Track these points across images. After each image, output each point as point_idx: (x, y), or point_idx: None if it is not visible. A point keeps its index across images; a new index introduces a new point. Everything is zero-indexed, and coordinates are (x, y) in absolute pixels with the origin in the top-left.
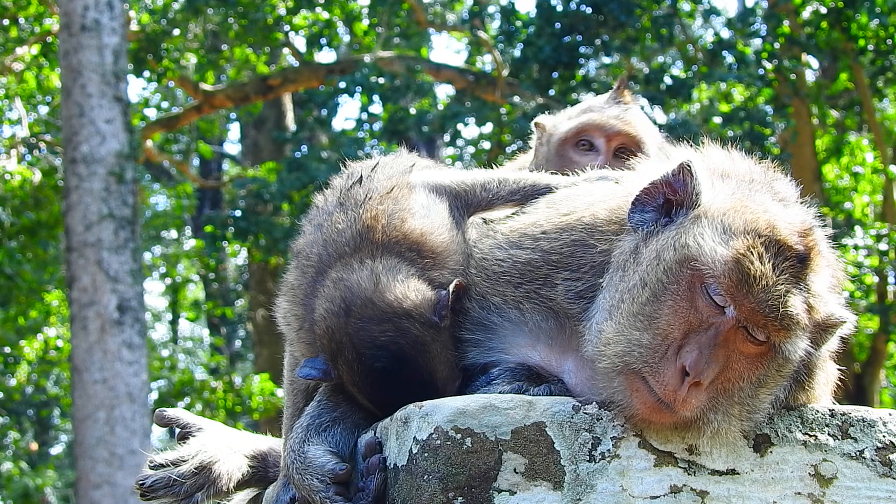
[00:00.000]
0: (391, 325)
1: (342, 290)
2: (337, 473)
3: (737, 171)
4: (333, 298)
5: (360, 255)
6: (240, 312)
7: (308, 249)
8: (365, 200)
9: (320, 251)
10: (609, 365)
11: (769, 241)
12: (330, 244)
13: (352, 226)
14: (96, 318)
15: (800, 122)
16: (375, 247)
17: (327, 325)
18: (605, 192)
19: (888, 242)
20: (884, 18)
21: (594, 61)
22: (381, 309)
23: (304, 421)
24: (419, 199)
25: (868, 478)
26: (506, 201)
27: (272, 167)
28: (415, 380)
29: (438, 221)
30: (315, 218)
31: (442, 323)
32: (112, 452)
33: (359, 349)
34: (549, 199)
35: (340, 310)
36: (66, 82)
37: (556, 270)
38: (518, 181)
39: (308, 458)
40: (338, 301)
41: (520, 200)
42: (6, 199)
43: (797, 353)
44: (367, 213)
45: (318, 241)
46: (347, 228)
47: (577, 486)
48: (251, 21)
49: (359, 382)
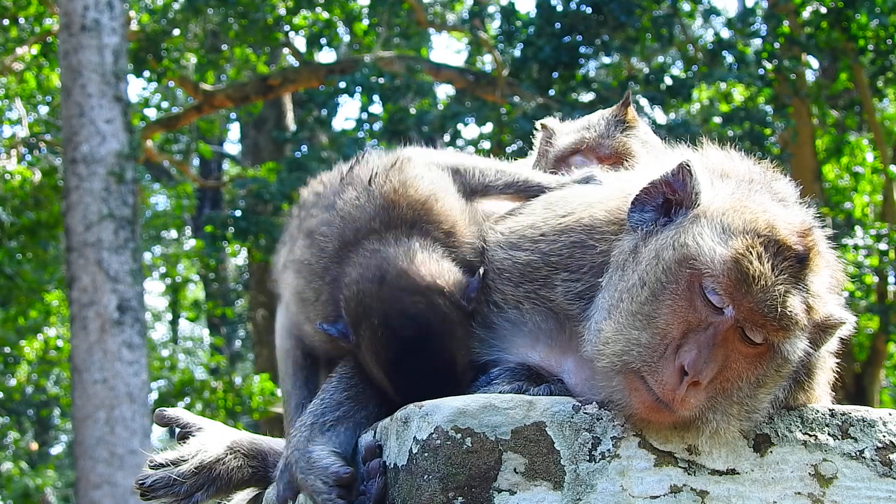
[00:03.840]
0: (423, 298)
1: (378, 260)
2: (341, 477)
3: (736, 170)
4: (368, 266)
5: (395, 232)
6: (240, 312)
7: (324, 228)
8: (373, 177)
9: (341, 225)
10: (608, 364)
11: (768, 241)
12: (351, 220)
13: (371, 201)
14: (96, 318)
15: (800, 122)
16: (406, 224)
17: (358, 289)
18: (603, 193)
19: (888, 242)
20: (884, 18)
21: (594, 61)
22: (415, 282)
23: (308, 419)
24: (421, 168)
25: (868, 478)
26: (500, 192)
27: (272, 167)
28: (436, 359)
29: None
30: (319, 202)
31: (469, 307)
32: (112, 452)
33: (388, 315)
34: (546, 201)
35: (375, 276)
36: (66, 82)
37: (555, 272)
38: (514, 175)
39: (312, 458)
40: (373, 268)
41: (514, 194)
42: (6, 199)
43: (796, 353)
44: (380, 187)
45: (334, 221)
46: (367, 203)
47: (577, 485)
48: (251, 21)
49: (380, 351)
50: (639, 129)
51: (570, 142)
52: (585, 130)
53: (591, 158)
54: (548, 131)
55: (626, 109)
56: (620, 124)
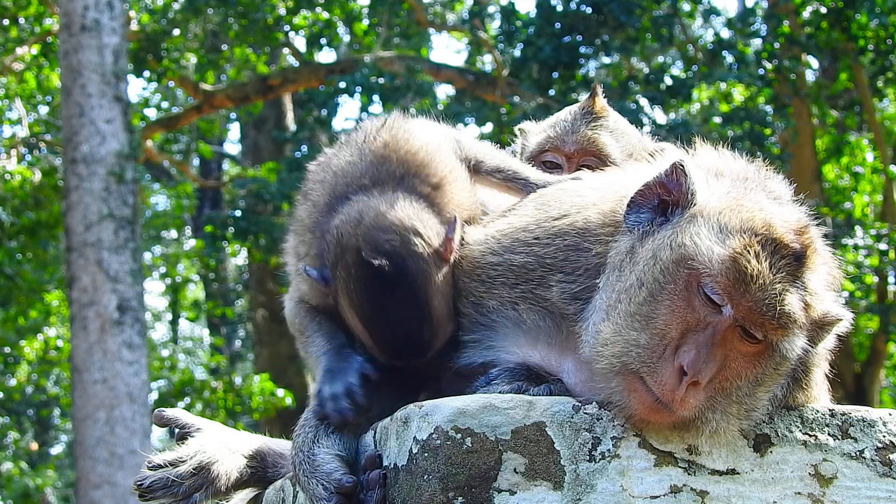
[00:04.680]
0: (397, 237)
1: (360, 206)
2: (343, 485)
3: (730, 169)
4: (350, 212)
5: (381, 187)
6: (240, 312)
7: (318, 186)
8: (367, 137)
9: (333, 181)
10: (607, 365)
11: (765, 240)
12: (342, 175)
13: (364, 158)
14: (96, 318)
15: (800, 122)
16: (395, 179)
17: (338, 231)
18: (596, 194)
19: (888, 242)
20: (884, 18)
21: (594, 61)
22: (390, 221)
23: (313, 420)
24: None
25: (868, 478)
26: (489, 173)
27: (272, 167)
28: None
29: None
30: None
31: (445, 252)
32: (112, 452)
33: (362, 251)
34: (538, 202)
35: (353, 219)
36: (66, 82)
37: (550, 273)
38: (505, 161)
39: (316, 461)
40: (353, 213)
41: (501, 181)
42: (6, 199)
43: (794, 351)
44: (372, 143)
45: (327, 178)
46: (359, 161)
47: (577, 485)
48: (251, 21)
49: (353, 289)
50: (608, 119)
51: (538, 141)
52: (552, 128)
53: (559, 156)
54: (524, 134)
55: (593, 101)
56: (587, 116)
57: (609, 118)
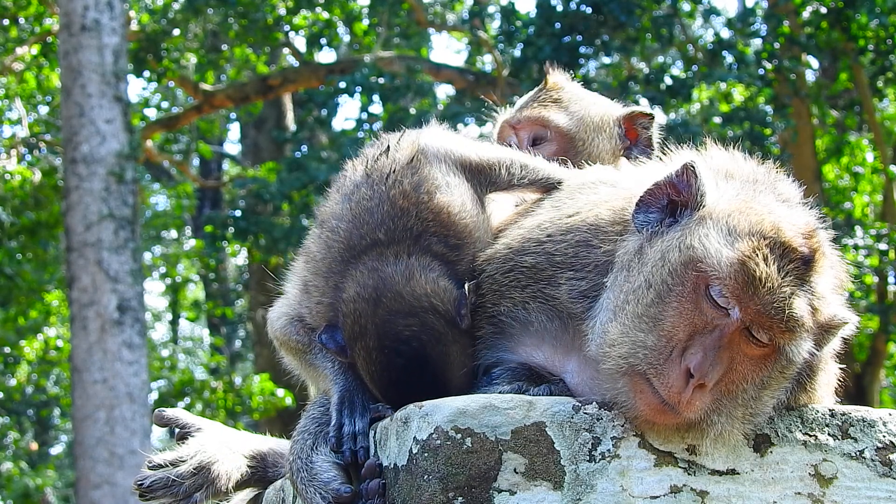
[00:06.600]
0: (417, 320)
1: (375, 280)
2: (341, 495)
3: (740, 171)
4: (366, 286)
5: (396, 248)
6: (240, 312)
7: (335, 222)
8: (390, 173)
9: (349, 228)
10: (613, 366)
11: (774, 243)
12: (360, 223)
13: (382, 204)
14: (96, 318)
15: (800, 122)
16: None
17: (355, 308)
18: (609, 192)
19: (888, 242)
20: (884, 18)
21: (594, 61)
22: (409, 303)
23: (312, 426)
24: (440, 171)
25: (868, 478)
26: (524, 188)
27: (272, 167)
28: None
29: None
30: (343, 187)
31: (462, 322)
32: (112, 452)
33: (382, 339)
34: (554, 200)
35: (371, 297)
36: (66, 82)
37: (560, 270)
38: (537, 170)
39: (314, 469)
40: (370, 289)
41: (536, 189)
42: (6, 199)
43: (801, 354)
44: (392, 189)
45: (346, 216)
46: (377, 207)
47: (577, 486)
48: (251, 21)
49: (374, 371)
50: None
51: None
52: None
53: (511, 134)
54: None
55: (545, 79)
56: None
57: (563, 91)
